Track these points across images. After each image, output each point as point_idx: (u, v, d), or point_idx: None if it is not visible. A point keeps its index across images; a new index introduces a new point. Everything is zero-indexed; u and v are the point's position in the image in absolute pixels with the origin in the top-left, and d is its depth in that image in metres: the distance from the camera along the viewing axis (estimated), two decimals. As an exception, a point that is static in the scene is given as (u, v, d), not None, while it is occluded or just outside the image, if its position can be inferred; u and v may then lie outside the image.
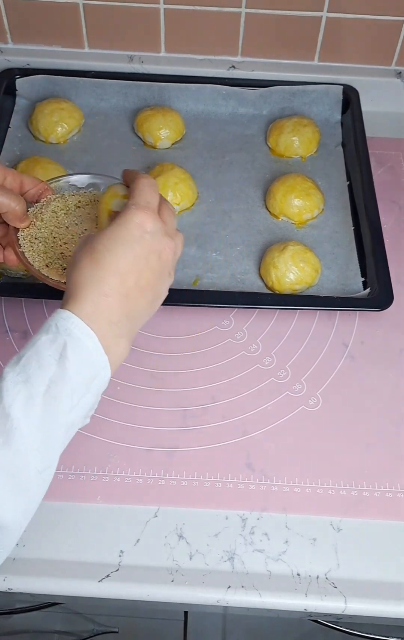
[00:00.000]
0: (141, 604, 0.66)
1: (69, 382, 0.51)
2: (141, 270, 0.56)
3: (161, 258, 0.57)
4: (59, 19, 0.99)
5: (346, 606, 0.64)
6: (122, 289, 0.55)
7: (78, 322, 0.53)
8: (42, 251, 0.68)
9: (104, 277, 0.54)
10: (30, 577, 0.64)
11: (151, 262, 0.56)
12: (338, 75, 1.03)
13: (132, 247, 0.55)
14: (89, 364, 0.53)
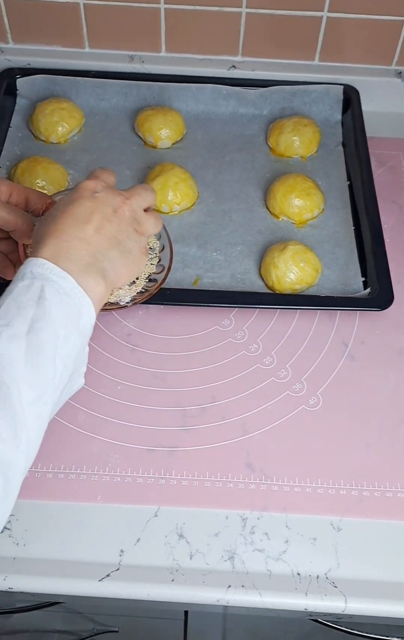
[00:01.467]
0: (141, 603, 0.66)
1: (51, 319, 0.53)
2: (98, 220, 0.59)
3: (117, 212, 0.61)
4: (59, 19, 0.99)
5: (346, 606, 0.64)
6: (82, 234, 0.58)
7: (51, 266, 0.55)
8: None
9: (63, 228, 0.57)
10: (30, 577, 0.64)
11: (107, 214, 0.60)
12: (338, 75, 1.03)
13: (83, 203, 0.60)
14: (69, 303, 0.54)
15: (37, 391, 0.52)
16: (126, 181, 0.94)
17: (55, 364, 0.53)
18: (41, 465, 0.70)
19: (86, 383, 0.75)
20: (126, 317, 0.81)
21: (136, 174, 0.95)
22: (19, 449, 0.50)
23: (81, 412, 0.74)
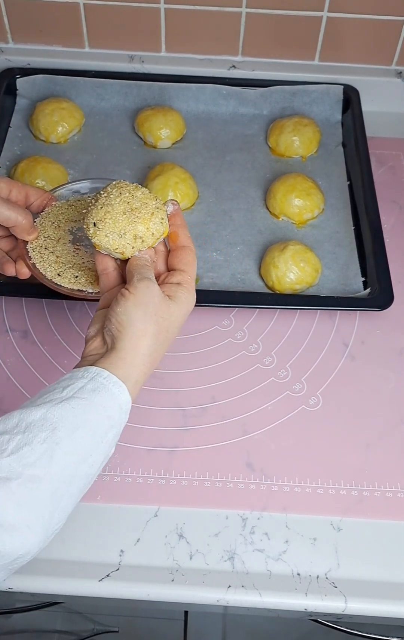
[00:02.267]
0: (141, 603, 0.66)
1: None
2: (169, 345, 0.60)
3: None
4: (59, 19, 0.99)
5: (346, 606, 0.64)
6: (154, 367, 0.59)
7: (128, 401, 0.56)
8: (53, 261, 0.68)
9: (155, 361, 0.58)
10: (30, 577, 0.64)
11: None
12: (339, 75, 1.03)
13: (180, 328, 0.60)
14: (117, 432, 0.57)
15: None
16: (126, 181, 0.94)
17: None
18: (41, 465, 0.70)
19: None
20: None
21: (136, 174, 0.95)
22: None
23: (81, 412, 0.74)
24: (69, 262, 0.69)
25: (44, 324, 0.80)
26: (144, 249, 0.62)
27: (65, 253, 0.69)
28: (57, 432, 0.51)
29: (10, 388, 0.75)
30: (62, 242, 0.70)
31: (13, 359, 0.78)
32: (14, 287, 0.81)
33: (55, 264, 0.68)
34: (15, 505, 0.48)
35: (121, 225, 0.61)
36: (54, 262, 0.68)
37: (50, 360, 0.78)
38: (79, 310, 0.82)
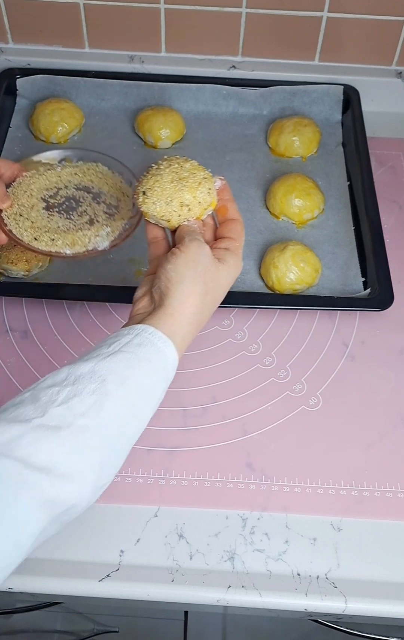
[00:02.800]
0: (141, 603, 0.66)
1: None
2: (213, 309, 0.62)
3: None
4: (59, 19, 0.99)
5: (346, 606, 0.64)
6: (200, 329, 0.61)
7: (174, 357, 0.57)
8: (29, 226, 0.71)
9: (201, 322, 0.60)
10: (30, 577, 0.64)
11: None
12: (339, 75, 1.03)
13: (227, 290, 0.62)
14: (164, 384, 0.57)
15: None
16: (126, 181, 0.94)
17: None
18: (41, 466, 0.70)
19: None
20: (125, 317, 0.81)
21: (136, 173, 0.95)
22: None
23: (81, 412, 0.74)
24: (44, 227, 0.71)
25: (44, 324, 0.80)
26: (192, 218, 0.64)
27: (40, 219, 0.72)
28: (106, 384, 0.51)
29: (11, 388, 0.75)
30: (36, 209, 0.72)
31: (13, 359, 0.78)
32: (14, 287, 0.81)
33: (31, 229, 0.71)
34: (67, 453, 0.48)
35: (168, 193, 0.63)
36: (29, 227, 0.71)
37: (50, 360, 0.78)
38: (79, 310, 0.82)
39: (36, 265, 0.82)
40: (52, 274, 0.84)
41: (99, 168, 0.77)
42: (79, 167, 0.77)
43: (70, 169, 0.76)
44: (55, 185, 0.75)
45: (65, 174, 0.76)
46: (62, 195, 0.74)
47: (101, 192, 0.75)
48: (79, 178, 0.76)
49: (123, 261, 0.86)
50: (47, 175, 0.75)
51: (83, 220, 0.73)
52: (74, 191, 0.75)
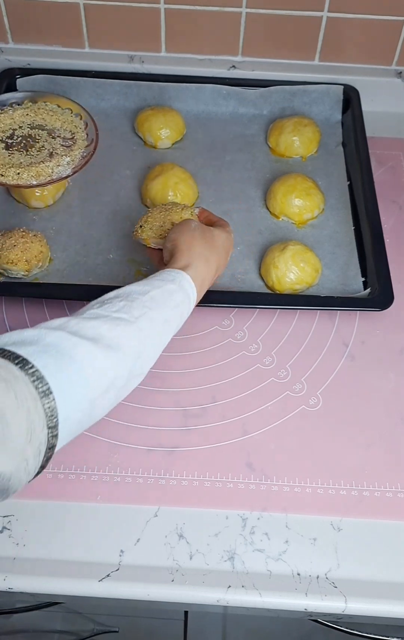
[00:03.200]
0: (141, 603, 0.66)
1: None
2: (222, 267, 0.75)
3: (227, 263, 0.78)
4: (59, 19, 0.99)
5: (346, 606, 0.64)
6: (212, 276, 0.73)
7: (193, 288, 0.69)
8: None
9: (211, 264, 0.72)
10: (30, 577, 0.64)
11: (226, 263, 0.77)
12: (339, 75, 1.03)
13: (227, 252, 0.76)
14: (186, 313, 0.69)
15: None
16: (126, 181, 0.94)
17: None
18: (41, 465, 0.70)
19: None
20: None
21: (136, 173, 0.95)
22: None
23: (81, 412, 0.74)
24: (7, 164, 0.80)
25: (44, 324, 0.80)
26: None
27: (2, 157, 0.81)
28: (149, 302, 0.63)
29: (10, 388, 0.75)
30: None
31: (13, 359, 0.77)
32: (14, 287, 0.81)
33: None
34: (111, 328, 0.58)
35: (160, 218, 0.78)
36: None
37: (50, 360, 0.77)
38: (79, 310, 0.82)
39: (36, 265, 0.82)
40: (52, 274, 0.84)
41: (49, 107, 0.86)
42: (30, 108, 0.86)
43: (22, 111, 0.86)
44: (10, 127, 0.84)
45: (17, 115, 0.85)
46: (18, 135, 0.83)
47: (54, 128, 0.85)
48: (31, 118, 0.85)
49: (123, 261, 0.86)
50: (1, 119, 0.85)
51: (43, 155, 0.81)
52: (28, 130, 0.84)
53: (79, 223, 0.89)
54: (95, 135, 0.85)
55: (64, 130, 0.85)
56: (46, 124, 0.85)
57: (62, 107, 0.87)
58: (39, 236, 0.83)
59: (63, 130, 0.85)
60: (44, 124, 0.85)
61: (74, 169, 0.81)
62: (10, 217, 0.89)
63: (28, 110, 0.86)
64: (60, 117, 0.86)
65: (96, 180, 0.94)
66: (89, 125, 0.86)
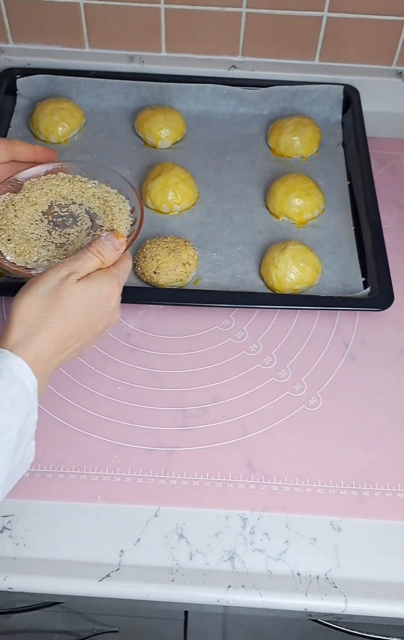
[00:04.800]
0: (141, 603, 0.66)
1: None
2: (85, 336, 0.60)
3: (106, 329, 0.64)
4: (59, 19, 0.99)
5: (346, 606, 0.64)
6: (62, 349, 0.58)
7: (29, 373, 0.55)
8: (9, 218, 0.71)
9: (52, 336, 0.57)
10: (30, 577, 0.64)
11: (98, 330, 0.62)
12: (339, 75, 1.03)
13: (90, 313, 0.59)
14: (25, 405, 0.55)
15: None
16: (126, 181, 0.94)
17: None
18: (41, 465, 0.70)
19: (86, 383, 0.76)
20: (125, 317, 0.81)
21: (136, 174, 0.95)
22: None
23: (81, 412, 0.74)
24: (17, 224, 0.70)
25: (44, 324, 0.80)
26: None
27: (26, 217, 0.71)
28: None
29: (10, 388, 0.75)
30: (35, 208, 0.72)
31: (13, 359, 0.77)
32: (14, 287, 0.81)
33: (6, 222, 0.70)
34: None
35: (171, 261, 0.80)
36: (8, 219, 0.71)
37: (50, 360, 0.78)
38: (79, 310, 0.82)
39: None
40: (52, 274, 0.84)
41: (120, 205, 0.72)
42: (108, 192, 0.74)
43: (97, 189, 0.74)
44: (72, 196, 0.73)
45: (90, 189, 0.74)
46: (69, 209, 0.72)
47: (98, 226, 0.71)
48: (97, 202, 0.73)
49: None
50: (74, 183, 0.74)
51: (57, 240, 0.69)
52: (81, 211, 0.72)
53: (79, 223, 0.89)
54: (140, 213, 0.71)
55: (101, 207, 0.72)
56: (98, 217, 0.71)
57: (100, 183, 0.74)
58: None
59: (100, 209, 0.72)
60: (97, 215, 0.72)
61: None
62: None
63: (101, 192, 0.74)
64: (117, 221, 0.71)
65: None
66: (131, 202, 0.72)
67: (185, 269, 0.81)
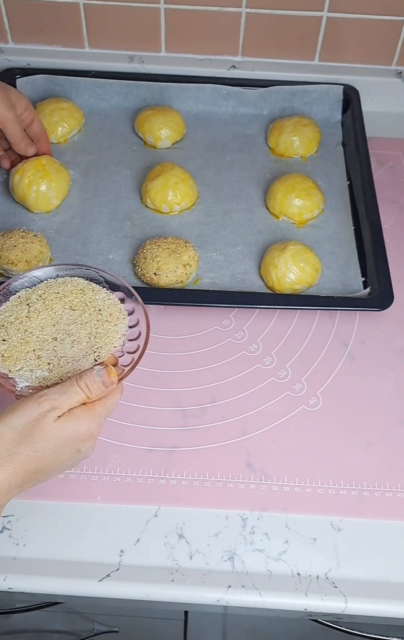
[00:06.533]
0: (141, 603, 0.66)
1: None
2: (51, 472, 0.57)
3: (77, 463, 0.59)
4: (59, 19, 0.99)
5: (346, 606, 0.64)
6: (24, 483, 0.55)
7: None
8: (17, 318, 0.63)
9: (16, 471, 0.54)
10: (30, 577, 0.64)
11: (66, 466, 0.58)
12: (338, 75, 1.03)
13: (61, 452, 0.56)
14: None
15: None
16: (126, 181, 0.94)
17: None
18: (41, 465, 0.70)
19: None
20: (125, 317, 0.81)
21: (136, 174, 0.95)
22: None
23: (81, 412, 0.74)
24: (25, 326, 0.63)
25: (44, 324, 0.80)
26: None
27: (36, 321, 0.63)
28: None
29: (10, 388, 0.75)
30: (56, 312, 0.64)
31: (13, 359, 0.77)
32: (14, 287, 0.81)
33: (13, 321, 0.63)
34: None
35: (172, 262, 0.79)
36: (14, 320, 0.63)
37: (50, 360, 0.78)
38: (79, 310, 0.82)
39: (36, 266, 0.82)
40: (52, 274, 0.84)
41: (79, 285, 0.65)
42: (113, 306, 0.65)
43: (103, 303, 0.65)
44: (80, 308, 0.64)
45: (97, 302, 0.65)
46: (71, 331, 0.62)
47: (92, 347, 0.62)
48: (97, 317, 0.64)
49: (123, 261, 0.86)
50: (86, 293, 0.65)
51: (50, 356, 0.61)
52: (82, 335, 0.62)
53: (79, 223, 0.89)
54: (146, 329, 0.64)
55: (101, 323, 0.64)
56: (85, 318, 0.63)
57: (95, 293, 0.65)
58: (39, 237, 0.83)
59: (101, 327, 0.63)
60: (83, 318, 0.63)
61: (29, 389, 0.60)
62: (10, 217, 0.89)
63: (76, 289, 0.65)
64: (102, 305, 0.64)
65: (96, 180, 0.94)
66: (136, 315, 0.66)
67: (186, 270, 0.81)
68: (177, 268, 0.81)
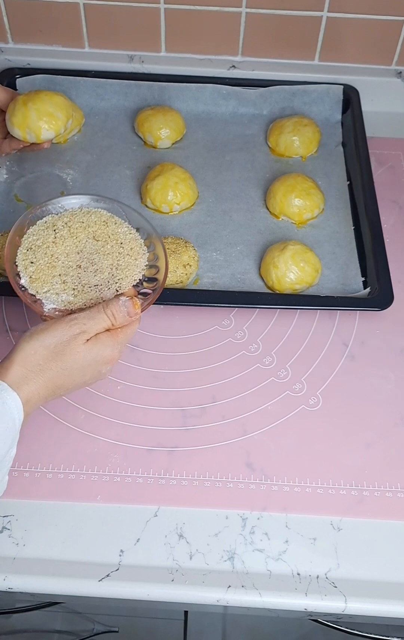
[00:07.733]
0: (141, 603, 0.66)
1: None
2: (73, 388, 0.62)
3: (94, 383, 0.65)
4: (59, 19, 0.99)
5: (346, 606, 0.64)
6: (49, 396, 0.61)
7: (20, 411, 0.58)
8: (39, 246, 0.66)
9: (45, 384, 0.59)
10: (30, 577, 0.64)
11: (86, 385, 0.63)
12: (338, 75, 1.03)
13: (85, 373, 0.61)
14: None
15: None
16: (126, 181, 0.94)
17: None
18: (41, 466, 0.70)
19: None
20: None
21: (136, 173, 0.95)
22: None
23: (81, 412, 0.74)
24: (47, 251, 0.66)
25: (44, 324, 0.80)
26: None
27: (58, 250, 0.66)
28: None
29: (10, 388, 0.75)
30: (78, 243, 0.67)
31: (13, 359, 0.77)
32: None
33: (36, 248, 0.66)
34: None
35: (172, 263, 0.79)
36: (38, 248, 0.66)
37: (50, 360, 0.77)
38: (79, 310, 0.82)
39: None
40: (52, 274, 0.84)
41: (103, 216, 0.68)
42: (134, 240, 0.68)
43: (125, 236, 0.68)
44: (103, 238, 0.67)
45: (118, 235, 0.68)
46: (94, 259, 0.66)
47: (116, 280, 0.66)
48: (119, 250, 0.67)
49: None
50: (109, 225, 0.68)
51: (75, 282, 0.64)
52: (105, 265, 0.66)
53: (79, 223, 0.89)
54: (165, 265, 0.67)
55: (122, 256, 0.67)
56: (108, 249, 0.67)
57: (118, 224, 0.68)
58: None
59: (122, 260, 0.67)
60: (106, 249, 0.67)
61: (55, 310, 0.64)
62: (10, 216, 0.89)
63: (100, 220, 0.68)
64: (124, 239, 0.67)
65: (96, 180, 0.94)
66: (155, 248, 0.68)
67: (186, 270, 0.81)
68: (177, 268, 0.81)
